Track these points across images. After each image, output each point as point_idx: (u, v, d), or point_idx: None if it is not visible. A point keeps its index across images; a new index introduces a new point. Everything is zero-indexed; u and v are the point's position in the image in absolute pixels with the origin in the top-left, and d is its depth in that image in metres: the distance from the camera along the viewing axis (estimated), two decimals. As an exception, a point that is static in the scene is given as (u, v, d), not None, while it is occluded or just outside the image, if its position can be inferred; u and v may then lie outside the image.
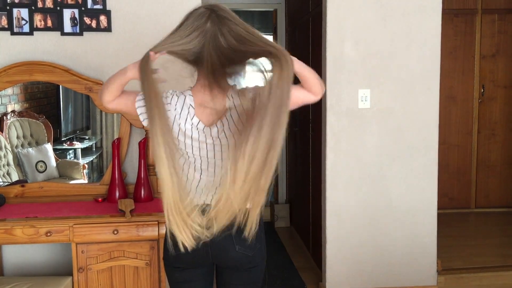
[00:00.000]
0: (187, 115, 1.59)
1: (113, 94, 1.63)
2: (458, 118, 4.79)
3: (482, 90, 4.76)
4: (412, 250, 3.23)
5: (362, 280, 3.21)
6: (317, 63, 3.36)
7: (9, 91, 2.76)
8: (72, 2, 2.73)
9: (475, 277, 3.36)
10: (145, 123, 1.65)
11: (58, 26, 2.74)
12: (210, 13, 1.51)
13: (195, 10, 1.55)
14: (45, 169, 2.86)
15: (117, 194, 2.62)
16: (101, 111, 2.84)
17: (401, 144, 3.17)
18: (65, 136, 2.95)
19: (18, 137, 2.82)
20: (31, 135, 2.86)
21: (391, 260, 3.22)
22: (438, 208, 3.27)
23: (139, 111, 1.65)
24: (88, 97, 2.79)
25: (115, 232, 2.32)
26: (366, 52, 3.08)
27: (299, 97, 1.62)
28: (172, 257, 1.66)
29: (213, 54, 1.47)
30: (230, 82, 1.57)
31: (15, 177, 2.80)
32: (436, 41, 3.13)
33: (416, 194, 3.20)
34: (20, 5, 2.71)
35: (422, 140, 3.18)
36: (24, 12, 2.71)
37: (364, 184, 3.16)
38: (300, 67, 1.58)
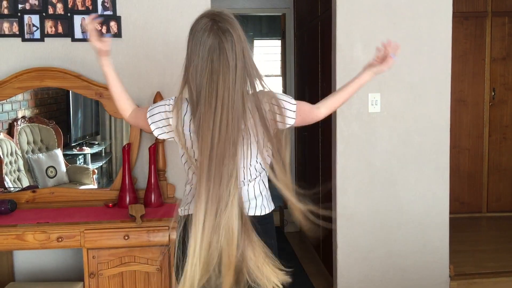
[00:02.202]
0: (190, 121, 1.59)
1: (121, 99, 1.77)
2: (469, 122, 4.75)
3: (492, 94, 4.73)
4: (424, 255, 3.20)
5: (374, 285, 3.18)
6: (326, 67, 3.36)
7: (19, 97, 2.77)
8: (83, 9, 2.75)
9: (488, 282, 3.33)
10: (160, 137, 1.67)
11: (68, 32, 2.76)
12: (212, 24, 1.51)
13: (198, 20, 1.54)
14: (55, 175, 2.87)
15: (128, 199, 2.62)
16: (110, 117, 2.85)
17: (412, 148, 3.15)
18: (75, 141, 2.96)
19: (28, 143, 2.84)
20: (41, 141, 2.88)
21: (402, 265, 3.19)
22: (450, 213, 3.24)
23: (151, 122, 1.66)
24: (97, 102, 2.80)
25: (126, 237, 2.32)
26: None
27: (305, 111, 1.70)
28: (182, 263, 1.65)
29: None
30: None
31: (25, 182, 2.81)
32: (446, 45, 3.11)
33: (428, 198, 3.18)
34: (31, 12, 2.72)
35: (433, 144, 3.15)
36: (35, 19, 2.73)
37: (374, 188, 3.14)
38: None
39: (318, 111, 1.73)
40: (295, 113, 1.64)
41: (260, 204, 1.69)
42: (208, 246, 1.48)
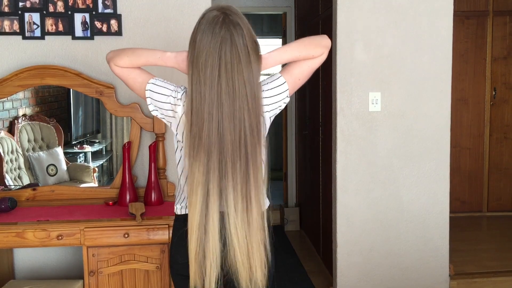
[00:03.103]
0: None
1: (131, 64, 1.65)
2: (470, 121, 4.75)
3: (493, 93, 4.72)
4: (424, 254, 3.20)
5: (373, 284, 3.18)
6: (327, 66, 3.35)
7: (20, 95, 2.77)
8: (83, 7, 2.75)
9: (488, 281, 3.32)
10: (153, 113, 1.66)
11: (69, 30, 2.76)
12: (224, 17, 1.51)
13: (208, 13, 1.55)
14: (56, 173, 2.87)
15: (128, 197, 2.62)
16: (111, 115, 2.85)
17: (412, 147, 3.14)
18: (76, 139, 2.96)
19: (29, 141, 2.84)
20: (42, 139, 2.88)
21: (402, 264, 3.19)
22: (450, 212, 3.24)
23: (148, 95, 1.64)
24: (98, 100, 2.80)
25: (126, 235, 2.32)
26: (376, 55, 3.07)
27: (302, 71, 1.65)
28: (179, 265, 1.65)
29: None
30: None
31: (26, 180, 2.81)
32: (447, 44, 3.11)
33: (428, 197, 3.18)
34: (31, 10, 2.72)
35: (433, 143, 3.15)
36: (36, 17, 2.73)
37: (375, 187, 3.14)
38: (278, 59, 1.63)
39: (313, 62, 1.67)
40: (287, 91, 1.64)
41: None
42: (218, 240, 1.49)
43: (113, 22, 2.78)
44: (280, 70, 1.68)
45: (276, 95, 1.63)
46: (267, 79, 1.66)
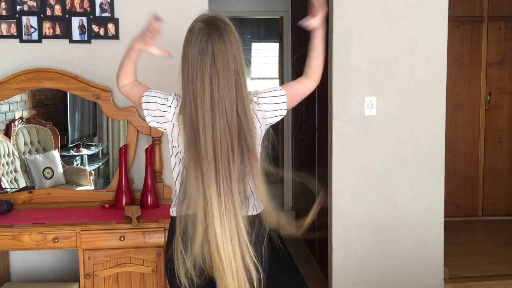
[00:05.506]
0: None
1: (126, 74, 1.78)
2: (465, 126, 4.78)
3: (488, 98, 4.75)
4: (418, 258, 3.21)
5: (369, 287, 3.20)
6: (323, 71, 3.37)
7: (17, 98, 2.78)
8: (81, 10, 2.76)
9: (482, 285, 3.34)
10: (151, 124, 1.70)
11: (66, 34, 2.77)
12: (208, 31, 1.54)
13: (194, 25, 1.58)
14: (52, 176, 2.87)
15: (124, 200, 2.63)
16: (107, 118, 2.85)
17: (407, 151, 3.16)
18: (72, 142, 2.97)
19: (25, 144, 2.84)
20: (39, 142, 2.88)
21: (397, 268, 3.20)
22: (445, 216, 3.25)
23: (144, 107, 1.71)
24: (95, 104, 2.81)
25: (122, 238, 2.33)
26: (372, 59, 3.09)
27: (298, 92, 1.77)
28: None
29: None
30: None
31: (22, 183, 2.81)
32: (442, 49, 3.13)
33: (423, 201, 3.19)
34: (29, 13, 2.73)
35: (428, 148, 3.17)
36: (33, 20, 2.74)
37: (370, 191, 3.16)
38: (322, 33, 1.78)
39: (308, 85, 1.83)
40: (285, 103, 1.71)
41: (252, 204, 1.70)
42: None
43: (110, 26, 2.79)
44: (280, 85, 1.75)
45: (274, 104, 1.68)
46: (268, 89, 1.71)
